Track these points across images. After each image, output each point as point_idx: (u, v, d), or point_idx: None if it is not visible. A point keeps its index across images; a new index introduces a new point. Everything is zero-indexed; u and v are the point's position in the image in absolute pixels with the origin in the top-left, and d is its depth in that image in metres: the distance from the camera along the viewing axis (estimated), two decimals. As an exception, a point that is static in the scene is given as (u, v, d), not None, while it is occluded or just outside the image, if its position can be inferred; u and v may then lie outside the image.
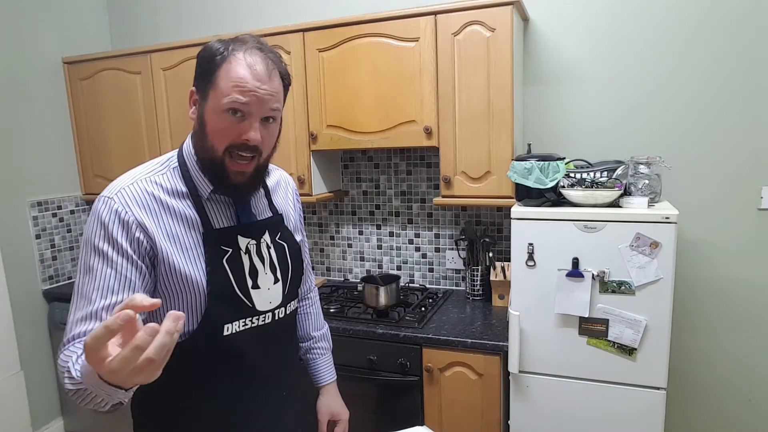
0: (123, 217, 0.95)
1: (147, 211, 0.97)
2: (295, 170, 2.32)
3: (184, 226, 1.00)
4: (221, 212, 1.05)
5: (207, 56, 0.97)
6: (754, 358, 2.08)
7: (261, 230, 1.10)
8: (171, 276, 0.98)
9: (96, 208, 0.96)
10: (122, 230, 0.94)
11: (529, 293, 1.75)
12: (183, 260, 0.98)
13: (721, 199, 2.04)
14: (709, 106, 2.01)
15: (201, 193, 1.03)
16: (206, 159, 1.00)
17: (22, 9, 2.61)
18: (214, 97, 0.95)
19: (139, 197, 0.97)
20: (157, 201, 0.99)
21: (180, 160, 1.04)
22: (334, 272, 2.75)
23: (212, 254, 1.01)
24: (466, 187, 2.05)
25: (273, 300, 1.09)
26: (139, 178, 1.00)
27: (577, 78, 2.17)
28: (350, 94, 2.15)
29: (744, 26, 1.93)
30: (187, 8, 2.86)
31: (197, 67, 1.00)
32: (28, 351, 2.66)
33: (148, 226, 0.96)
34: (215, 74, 0.95)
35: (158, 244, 0.96)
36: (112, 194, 0.96)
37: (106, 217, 0.94)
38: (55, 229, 2.80)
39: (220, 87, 0.94)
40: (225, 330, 1.01)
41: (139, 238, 0.95)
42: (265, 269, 1.08)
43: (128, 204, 0.96)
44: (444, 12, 1.96)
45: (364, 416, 2.07)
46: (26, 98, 2.65)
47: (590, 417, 1.74)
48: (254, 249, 1.07)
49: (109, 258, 0.93)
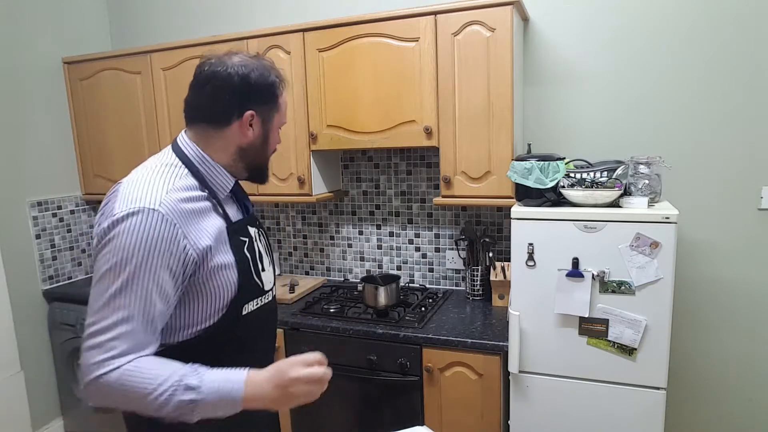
0: (171, 229, 0.98)
1: (189, 219, 1.02)
2: (295, 170, 2.32)
3: (214, 224, 1.07)
4: (232, 207, 1.17)
5: (269, 84, 1.13)
6: (754, 358, 2.08)
7: (257, 220, 1.26)
8: (211, 273, 1.04)
9: (137, 224, 0.96)
10: (171, 243, 0.98)
11: (529, 293, 1.75)
12: (220, 256, 1.06)
13: (721, 199, 2.04)
14: (710, 106, 2.01)
15: (219, 194, 1.12)
16: (261, 164, 1.18)
17: (22, 9, 2.61)
18: (278, 118, 1.17)
19: (179, 207, 1.01)
20: (192, 208, 1.04)
21: (185, 162, 1.09)
22: (334, 272, 2.75)
23: (237, 245, 1.11)
24: (466, 187, 2.05)
25: (271, 279, 1.24)
26: (169, 187, 1.03)
27: (577, 78, 2.17)
28: (350, 94, 2.15)
29: (744, 26, 1.93)
30: (187, 8, 2.86)
31: (255, 92, 1.10)
32: (28, 351, 2.67)
33: (192, 234, 1.02)
34: (278, 101, 1.16)
35: (201, 248, 1.02)
36: (155, 205, 0.98)
37: (156, 232, 0.97)
38: (55, 229, 2.80)
39: (282, 111, 1.18)
40: (244, 310, 1.12)
41: (185, 247, 1.00)
42: (265, 253, 1.23)
43: (174, 214, 1.00)
44: (444, 12, 1.96)
45: (364, 416, 2.07)
46: (26, 98, 2.65)
47: (590, 417, 1.74)
48: (256, 236, 1.20)
49: (155, 273, 0.97)
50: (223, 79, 1.07)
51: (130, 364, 0.94)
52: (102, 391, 0.94)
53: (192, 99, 1.13)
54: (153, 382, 0.93)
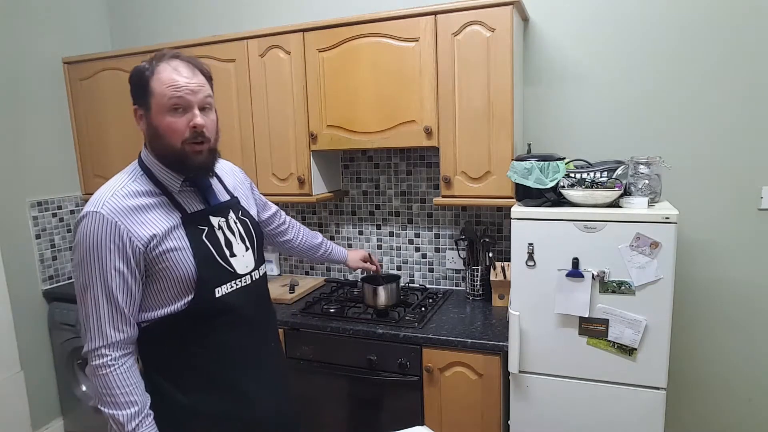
0: (112, 226, 1.12)
1: (132, 215, 1.15)
2: (295, 170, 2.32)
3: (165, 216, 1.19)
4: (191, 201, 1.26)
5: (138, 75, 1.17)
6: (754, 358, 2.08)
7: (226, 210, 1.32)
8: (160, 257, 1.16)
9: (85, 226, 1.12)
10: (115, 237, 1.12)
11: (529, 293, 1.75)
12: (169, 242, 1.17)
13: (721, 199, 2.04)
14: (710, 106, 2.01)
15: (171, 190, 1.22)
16: (169, 156, 1.19)
17: (22, 9, 2.61)
18: (156, 103, 1.15)
19: (121, 205, 1.14)
20: (137, 204, 1.16)
21: (143, 168, 1.22)
22: (334, 272, 2.75)
23: (193, 233, 1.21)
24: (466, 187, 2.05)
25: (248, 264, 1.32)
26: (116, 189, 1.16)
27: (577, 78, 2.17)
28: (350, 94, 2.15)
29: (745, 26, 1.93)
30: (187, 8, 2.86)
31: (132, 88, 1.19)
32: (28, 351, 2.66)
33: (135, 226, 1.14)
34: (150, 85, 1.15)
35: (146, 237, 1.14)
36: (98, 208, 1.12)
37: (100, 231, 1.11)
38: (55, 229, 2.80)
39: (157, 92, 1.14)
40: (217, 293, 1.22)
41: (131, 239, 1.13)
42: (237, 241, 1.31)
43: (116, 213, 1.13)
44: (444, 12, 1.96)
45: (364, 416, 2.07)
46: (26, 98, 2.65)
47: (590, 417, 1.74)
48: (225, 225, 1.29)
49: (108, 265, 1.12)
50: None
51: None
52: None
53: None
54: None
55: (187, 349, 1.22)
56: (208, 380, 1.24)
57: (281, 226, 1.72)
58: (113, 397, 1.12)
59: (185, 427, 1.23)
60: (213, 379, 1.25)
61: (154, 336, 1.20)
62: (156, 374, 1.23)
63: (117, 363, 1.13)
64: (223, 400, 1.25)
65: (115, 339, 1.13)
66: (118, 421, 1.12)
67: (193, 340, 1.22)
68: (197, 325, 1.21)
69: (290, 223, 1.77)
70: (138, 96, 1.19)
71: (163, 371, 1.23)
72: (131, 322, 1.16)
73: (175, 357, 1.23)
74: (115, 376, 1.12)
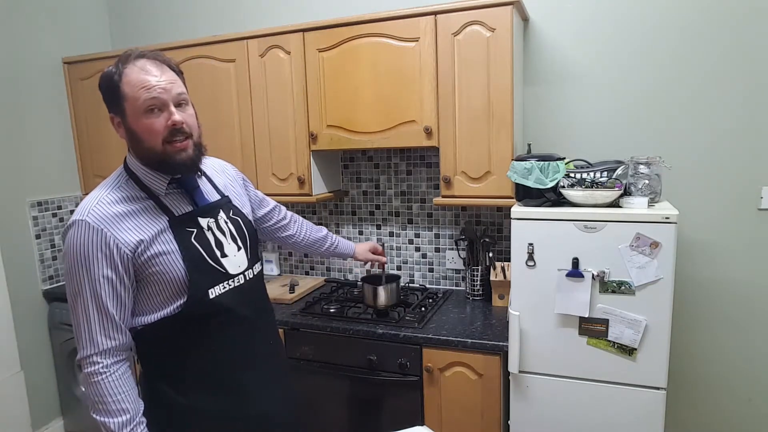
0: (101, 235, 1.11)
1: (118, 222, 1.14)
2: (295, 170, 2.32)
3: (152, 221, 1.18)
4: (179, 203, 1.24)
5: (107, 81, 1.15)
6: (754, 358, 2.08)
7: (215, 210, 1.30)
8: (149, 262, 1.15)
9: (72, 235, 1.11)
10: (102, 244, 1.11)
11: (529, 293, 1.75)
12: (158, 246, 1.16)
13: (721, 199, 2.04)
14: (710, 106, 2.01)
15: (157, 193, 1.21)
16: (152, 158, 1.17)
17: (22, 9, 2.61)
18: (129, 106, 1.13)
19: (107, 213, 1.13)
20: (123, 210, 1.15)
21: (129, 173, 1.21)
22: (334, 272, 2.75)
23: (181, 236, 1.20)
24: (466, 187, 2.05)
25: (241, 264, 1.30)
26: (101, 197, 1.16)
27: (577, 78, 2.17)
28: (350, 94, 2.15)
29: (744, 26, 1.93)
30: (186, 9, 2.86)
31: (104, 96, 1.18)
32: (28, 351, 2.66)
33: (121, 233, 1.13)
34: (120, 90, 1.13)
35: (133, 243, 1.13)
36: (84, 216, 1.12)
37: (87, 240, 1.11)
38: (55, 229, 2.80)
39: (130, 96, 1.12)
40: (210, 294, 1.21)
41: (117, 246, 1.12)
42: (228, 241, 1.29)
43: (101, 220, 1.12)
44: (444, 12, 1.96)
45: (364, 416, 2.07)
46: (26, 98, 2.65)
47: (590, 417, 1.74)
48: (215, 226, 1.27)
49: (96, 273, 1.11)
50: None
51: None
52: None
53: None
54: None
55: (184, 350, 1.22)
56: (206, 381, 1.24)
57: (282, 221, 1.70)
58: (105, 405, 1.13)
59: (186, 428, 1.23)
60: (211, 380, 1.25)
61: (151, 339, 1.21)
62: (155, 377, 1.24)
63: (109, 370, 1.13)
64: (222, 399, 1.25)
65: (107, 346, 1.13)
66: (109, 428, 1.13)
67: (190, 341, 1.22)
68: (192, 327, 1.21)
69: (292, 218, 1.75)
70: (111, 103, 1.17)
71: (161, 373, 1.23)
72: (123, 329, 1.15)
73: (173, 359, 1.23)
74: (106, 383, 1.12)
